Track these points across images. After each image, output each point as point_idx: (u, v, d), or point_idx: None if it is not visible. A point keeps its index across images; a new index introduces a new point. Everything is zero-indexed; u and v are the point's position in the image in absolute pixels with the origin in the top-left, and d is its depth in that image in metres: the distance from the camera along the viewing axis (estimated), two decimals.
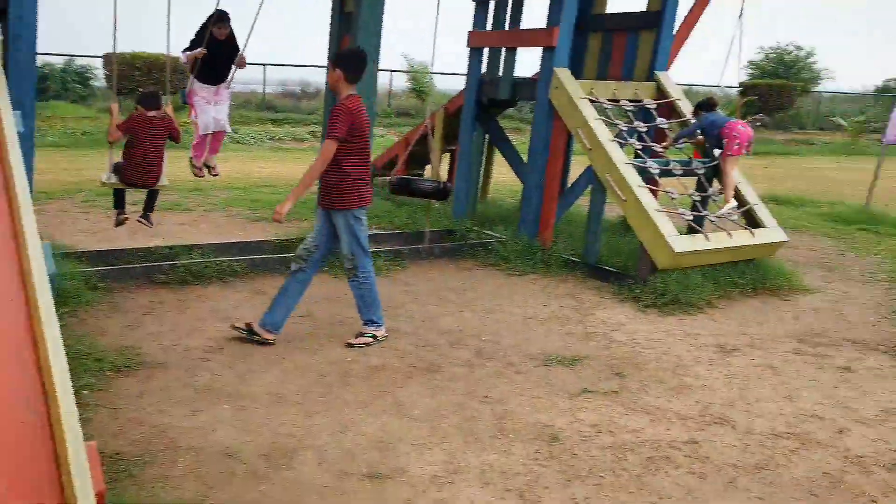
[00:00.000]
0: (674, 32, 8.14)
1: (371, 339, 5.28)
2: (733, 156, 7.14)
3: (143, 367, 4.72)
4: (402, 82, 25.36)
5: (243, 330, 5.21)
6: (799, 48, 32.09)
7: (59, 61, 20.27)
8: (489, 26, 8.70)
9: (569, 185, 8.74)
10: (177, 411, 4.15)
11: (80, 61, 20.49)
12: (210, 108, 6.99)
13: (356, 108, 4.91)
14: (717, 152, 7.30)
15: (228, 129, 7.28)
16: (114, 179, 6.24)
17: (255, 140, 18.38)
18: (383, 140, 16.80)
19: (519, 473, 3.65)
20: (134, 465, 3.57)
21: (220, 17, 6.78)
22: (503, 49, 8.47)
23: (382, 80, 24.78)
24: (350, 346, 5.22)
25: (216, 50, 6.80)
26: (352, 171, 5.00)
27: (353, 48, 5.25)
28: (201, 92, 6.89)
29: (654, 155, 7.58)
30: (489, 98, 8.73)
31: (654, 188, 7.07)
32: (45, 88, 18.97)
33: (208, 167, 7.28)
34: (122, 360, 4.73)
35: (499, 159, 10.11)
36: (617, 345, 5.45)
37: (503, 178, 11.87)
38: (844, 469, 3.85)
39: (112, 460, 3.59)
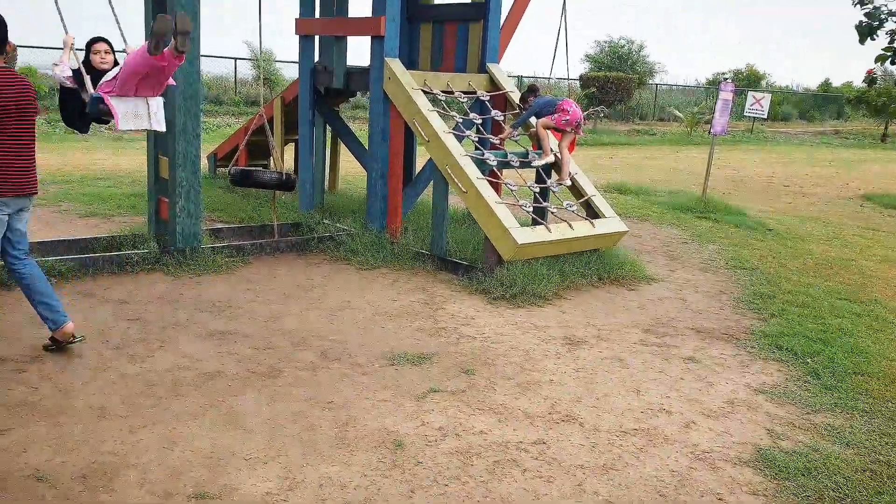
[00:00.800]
0: (501, 24, 8.18)
1: None
2: (560, 129, 7.29)
3: None
4: (249, 70, 24.71)
5: (51, 346, 4.75)
6: (631, 42, 33.77)
7: None
8: (318, 14, 8.45)
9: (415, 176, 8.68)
10: None
11: None
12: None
13: None
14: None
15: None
16: None
17: (92, 130, 17.14)
18: (231, 130, 16.15)
19: (359, 486, 3.43)
20: None
21: (97, 39, 5.41)
22: (333, 37, 8.21)
23: (226, 68, 23.90)
24: None
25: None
26: None
27: None
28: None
29: (492, 147, 7.63)
30: (325, 87, 8.46)
31: (495, 180, 7.07)
32: None
33: None
34: None
35: (345, 149, 9.88)
36: (466, 340, 5.34)
37: (353, 169, 11.62)
38: (692, 466, 3.84)
39: None
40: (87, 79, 5.21)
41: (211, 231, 7.54)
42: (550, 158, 7.37)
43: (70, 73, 5.24)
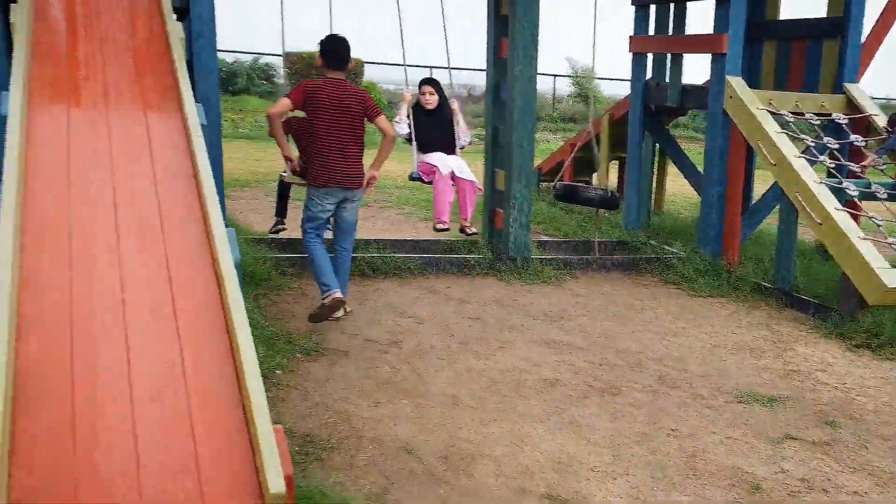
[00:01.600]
0: (862, 41, 7.37)
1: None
2: None
3: (327, 353, 4.87)
4: (566, 87, 25.04)
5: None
6: None
7: (248, 59, 21.30)
8: (651, 31, 8.30)
9: (753, 201, 8.14)
10: (359, 400, 4.20)
11: (264, 59, 21.41)
12: (441, 157, 6.27)
13: (314, 86, 5.04)
14: None
15: (472, 177, 6.41)
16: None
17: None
18: (548, 145, 16.53)
19: None
20: (322, 450, 3.63)
21: (424, 81, 6.26)
22: (668, 55, 8.03)
23: (546, 84, 24.53)
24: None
25: (429, 123, 6.20)
26: (309, 148, 5.18)
27: (330, 39, 5.19)
28: (427, 159, 6.25)
29: (851, 175, 6.80)
30: (656, 105, 8.29)
31: (854, 212, 6.32)
32: (234, 84, 20.08)
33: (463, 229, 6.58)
34: (310, 345, 4.92)
35: (672, 169, 9.61)
36: (824, 388, 4.83)
37: (678, 189, 11.26)
38: None
39: (303, 442, 3.68)
40: (414, 144, 6.15)
41: (537, 243, 7.75)
42: None
43: (407, 130, 6.14)
